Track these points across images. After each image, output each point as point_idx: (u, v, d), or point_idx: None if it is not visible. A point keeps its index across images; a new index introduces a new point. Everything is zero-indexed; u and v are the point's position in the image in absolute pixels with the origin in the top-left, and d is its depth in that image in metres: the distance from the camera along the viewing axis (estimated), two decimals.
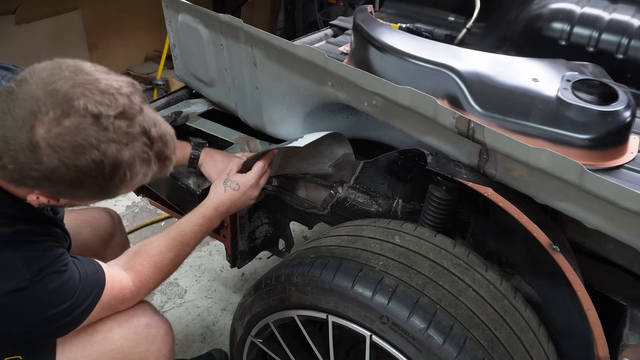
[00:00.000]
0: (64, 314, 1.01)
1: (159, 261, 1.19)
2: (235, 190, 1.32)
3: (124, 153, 0.87)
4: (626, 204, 0.85)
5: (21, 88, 0.84)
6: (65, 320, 1.02)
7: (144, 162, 0.92)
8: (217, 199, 1.31)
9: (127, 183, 0.92)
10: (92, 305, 1.06)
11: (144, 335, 1.18)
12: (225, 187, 1.32)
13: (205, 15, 1.50)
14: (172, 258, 1.21)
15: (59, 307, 1.00)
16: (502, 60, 1.29)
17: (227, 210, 1.33)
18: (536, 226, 0.98)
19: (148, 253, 1.19)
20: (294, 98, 1.38)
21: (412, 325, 1.01)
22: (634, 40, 1.45)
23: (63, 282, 1.01)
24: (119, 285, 1.12)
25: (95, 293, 1.07)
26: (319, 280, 1.13)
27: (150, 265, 1.18)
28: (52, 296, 0.99)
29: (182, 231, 1.25)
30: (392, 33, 1.41)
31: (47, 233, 1.03)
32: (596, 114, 1.07)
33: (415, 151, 1.18)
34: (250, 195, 1.34)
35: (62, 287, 1.01)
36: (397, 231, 1.20)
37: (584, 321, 1.01)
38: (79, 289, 1.03)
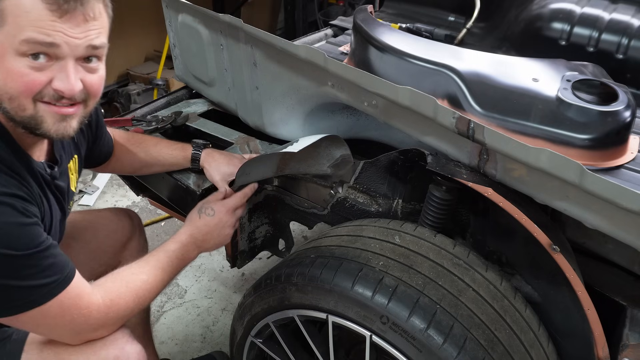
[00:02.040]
0: (6, 265, 0.89)
1: (130, 281, 1.11)
2: (209, 216, 1.28)
3: None
4: (626, 204, 0.85)
5: None
6: (9, 281, 0.90)
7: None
8: (191, 225, 1.27)
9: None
10: (47, 291, 0.94)
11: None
12: (200, 214, 1.29)
13: (205, 15, 1.50)
14: (145, 280, 1.12)
15: (4, 248, 0.88)
16: (502, 60, 1.29)
17: (204, 237, 1.27)
18: (536, 226, 0.98)
19: (120, 274, 1.12)
20: (294, 98, 1.38)
21: (412, 325, 1.01)
22: (634, 40, 1.45)
23: (18, 224, 0.91)
24: (87, 298, 1.02)
25: (57, 280, 0.95)
26: (319, 280, 1.13)
27: (121, 284, 1.09)
28: (0, 228, 0.88)
29: (156, 256, 1.19)
30: (392, 33, 1.41)
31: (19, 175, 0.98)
32: (596, 114, 1.07)
33: (415, 151, 1.18)
34: (226, 222, 1.30)
35: (14, 229, 0.90)
36: (397, 231, 1.20)
37: (584, 321, 1.01)
38: (36, 252, 0.92)
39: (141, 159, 1.50)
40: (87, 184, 2.93)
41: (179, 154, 1.50)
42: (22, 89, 0.93)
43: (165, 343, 2.03)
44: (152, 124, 1.72)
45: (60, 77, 0.94)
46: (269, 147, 1.61)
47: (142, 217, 2.73)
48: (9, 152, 0.98)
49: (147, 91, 3.51)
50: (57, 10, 0.90)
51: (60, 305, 0.97)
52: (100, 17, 0.97)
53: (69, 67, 0.95)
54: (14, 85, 0.93)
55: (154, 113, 1.82)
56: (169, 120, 1.73)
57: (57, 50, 0.92)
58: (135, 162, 1.51)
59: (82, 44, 0.94)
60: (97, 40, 0.97)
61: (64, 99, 0.97)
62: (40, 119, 0.97)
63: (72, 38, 0.93)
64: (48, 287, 0.95)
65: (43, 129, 0.98)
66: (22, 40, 0.90)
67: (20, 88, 0.93)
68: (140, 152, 1.50)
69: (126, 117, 1.76)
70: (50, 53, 0.92)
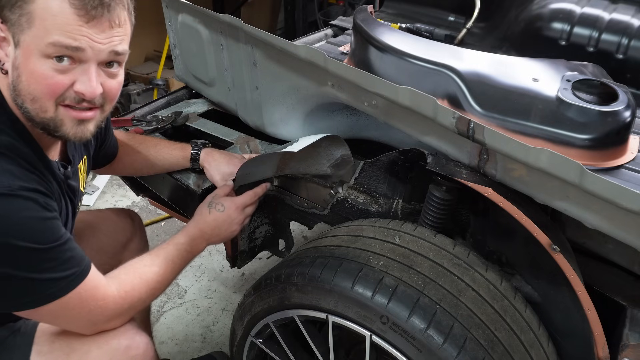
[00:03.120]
0: (31, 259, 0.92)
1: (143, 273, 1.14)
2: (219, 212, 1.30)
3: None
4: (626, 204, 0.85)
5: None
6: (31, 274, 0.92)
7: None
8: (201, 219, 1.30)
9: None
10: (68, 282, 0.97)
11: (122, 359, 1.11)
12: (210, 209, 1.31)
13: (205, 15, 1.50)
14: (157, 272, 1.16)
15: (27, 242, 0.90)
16: (502, 60, 1.28)
17: (212, 232, 1.30)
18: (536, 226, 0.98)
19: (132, 266, 1.15)
20: (294, 98, 1.38)
21: (412, 325, 1.01)
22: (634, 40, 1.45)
23: (41, 218, 0.94)
24: (103, 290, 1.05)
25: (75, 272, 0.98)
26: (319, 280, 1.13)
27: (134, 276, 1.12)
28: (23, 223, 0.91)
29: (166, 248, 1.21)
30: (392, 33, 1.41)
31: (39, 171, 1.01)
32: (596, 114, 1.07)
33: (415, 151, 1.18)
34: (235, 218, 1.32)
35: (38, 224, 0.93)
36: (397, 231, 1.20)
37: (584, 321, 1.01)
38: (57, 246, 0.95)
39: (141, 160, 1.50)
40: (87, 184, 2.93)
41: (178, 153, 1.50)
42: (46, 91, 0.96)
43: (165, 343, 2.03)
44: (152, 124, 1.72)
45: (82, 80, 0.97)
46: (269, 147, 1.61)
47: (142, 217, 2.72)
48: (30, 150, 1.01)
49: (147, 91, 3.52)
50: (84, 15, 0.92)
51: (79, 297, 1.00)
52: (125, 25, 1.00)
53: (92, 70, 0.97)
54: (37, 87, 0.95)
55: (154, 113, 1.83)
56: (169, 120, 1.73)
57: (81, 54, 0.95)
58: (136, 163, 1.51)
59: (105, 49, 0.97)
60: (120, 47, 1.00)
61: (84, 102, 0.99)
62: (60, 122, 0.99)
63: (97, 43, 0.95)
64: (68, 279, 0.97)
65: (62, 131, 1.00)
66: (48, 43, 0.92)
67: (44, 90, 0.95)
68: (141, 153, 1.50)
69: (126, 117, 1.76)
70: (74, 56, 0.95)
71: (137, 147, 1.50)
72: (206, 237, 1.29)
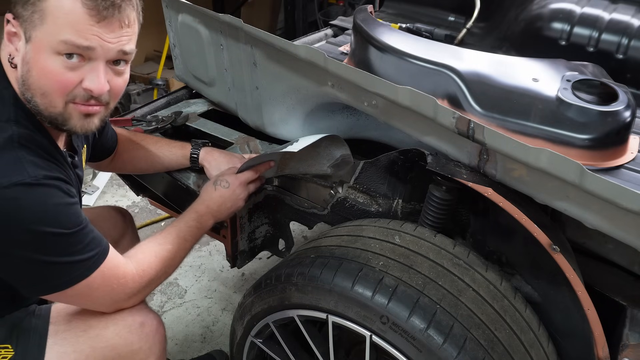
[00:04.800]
0: (60, 243, 0.97)
1: (158, 251, 1.18)
2: (224, 188, 1.34)
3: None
4: (626, 204, 0.85)
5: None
6: (61, 258, 0.97)
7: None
8: (207, 196, 1.34)
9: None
10: (92, 263, 1.02)
11: (137, 334, 1.17)
12: (215, 186, 1.35)
13: (205, 15, 1.50)
14: (170, 250, 1.20)
15: (55, 228, 0.95)
16: (502, 60, 1.28)
17: (218, 208, 1.33)
18: (536, 226, 0.98)
19: (147, 245, 1.20)
20: (294, 98, 1.38)
21: (412, 325, 1.01)
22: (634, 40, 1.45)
23: (66, 204, 0.98)
24: (123, 268, 1.10)
25: (98, 252, 1.03)
26: (319, 280, 1.13)
27: (150, 255, 1.17)
28: (50, 210, 0.95)
29: (177, 226, 1.26)
30: (392, 33, 1.41)
31: (57, 160, 1.04)
32: (596, 114, 1.07)
33: (415, 151, 1.18)
34: (239, 195, 1.35)
35: (64, 209, 0.97)
36: (397, 231, 1.20)
37: (584, 321, 1.01)
38: (81, 229, 1.00)
39: (141, 157, 1.51)
40: (87, 184, 2.93)
41: (178, 152, 1.50)
42: (56, 87, 0.98)
43: None
44: (152, 124, 1.72)
45: (90, 77, 1.00)
46: (269, 147, 1.61)
47: (142, 217, 2.73)
48: (46, 141, 1.04)
49: (147, 91, 3.52)
50: (96, 15, 0.95)
51: (103, 275, 1.04)
52: (133, 25, 1.04)
53: (100, 68, 1.00)
54: (47, 82, 0.98)
55: (154, 113, 1.82)
56: (169, 120, 1.73)
57: (91, 53, 0.98)
58: (135, 160, 1.51)
59: (114, 48, 1.00)
60: (128, 47, 1.03)
61: (92, 99, 1.02)
62: (68, 116, 1.03)
63: (107, 42, 0.98)
64: (92, 259, 1.02)
65: (69, 125, 1.04)
66: (60, 40, 0.95)
67: (54, 86, 0.98)
68: (141, 150, 1.50)
69: (126, 117, 1.76)
70: (84, 54, 0.98)
71: (137, 144, 1.50)
72: (213, 213, 1.32)
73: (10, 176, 0.92)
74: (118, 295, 1.10)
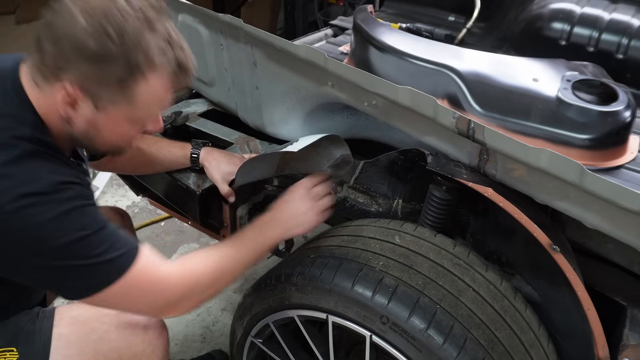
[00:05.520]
0: (88, 245, 0.94)
1: (208, 255, 1.11)
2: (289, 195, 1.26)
3: (147, 34, 0.93)
4: (626, 204, 0.85)
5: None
6: (91, 260, 0.94)
7: (164, 57, 0.96)
8: (274, 205, 1.24)
9: (146, 71, 0.95)
10: (124, 261, 0.98)
11: (140, 337, 1.16)
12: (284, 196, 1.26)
13: (205, 15, 1.50)
14: (222, 256, 1.13)
15: (80, 231, 0.93)
16: (502, 60, 1.28)
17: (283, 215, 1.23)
18: (536, 226, 0.98)
19: (197, 252, 1.13)
20: (294, 98, 1.38)
21: (412, 326, 1.01)
22: (634, 40, 1.45)
23: (86, 206, 0.96)
24: (162, 268, 1.04)
25: (127, 251, 0.99)
26: (319, 280, 1.13)
27: (197, 260, 1.10)
28: (74, 214, 0.94)
29: (236, 235, 1.19)
30: (392, 33, 1.41)
31: (71, 166, 1.05)
32: (596, 114, 1.07)
33: (415, 151, 1.18)
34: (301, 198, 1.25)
35: (85, 211, 0.96)
36: (397, 231, 1.20)
37: (584, 321, 1.01)
38: (104, 226, 0.97)
39: (141, 156, 1.50)
40: None
41: (178, 152, 1.50)
42: (123, 142, 1.08)
43: None
44: None
45: (153, 124, 1.08)
46: (269, 147, 1.61)
47: (142, 217, 2.73)
48: (58, 152, 1.03)
49: None
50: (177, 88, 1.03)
51: (136, 275, 0.99)
52: None
53: (160, 115, 1.09)
54: (118, 140, 1.07)
55: None
56: (169, 120, 1.72)
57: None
58: (135, 160, 1.51)
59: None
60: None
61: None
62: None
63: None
64: (122, 257, 0.98)
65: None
66: (147, 117, 1.03)
67: (121, 141, 1.08)
68: (141, 150, 1.50)
69: None
70: None
71: (138, 144, 1.50)
72: (279, 221, 1.22)
73: (27, 185, 0.91)
74: (157, 295, 1.04)
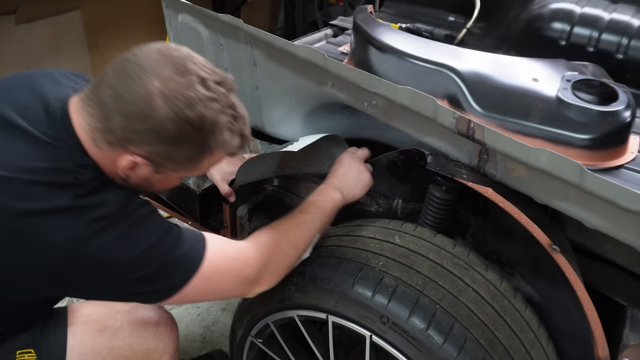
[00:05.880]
0: (165, 245, 0.96)
1: (276, 225, 1.14)
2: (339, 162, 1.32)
3: (221, 116, 0.95)
4: (626, 204, 0.85)
5: (135, 55, 0.94)
6: (160, 264, 0.96)
7: (231, 134, 0.98)
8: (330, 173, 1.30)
9: (215, 149, 0.98)
10: (197, 251, 1.00)
11: (153, 334, 1.19)
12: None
13: (205, 16, 1.50)
14: (290, 222, 1.15)
15: (154, 235, 0.95)
16: (502, 60, 1.28)
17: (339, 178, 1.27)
18: (536, 226, 0.98)
19: (264, 228, 1.16)
20: (294, 98, 1.38)
21: (412, 326, 1.01)
22: (634, 40, 1.45)
23: (148, 212, 0.98)
24: (233, 246, 1.07)
25: (196, 241, 1.01)
26: (319, 280, 1.13)
27: (267, 230, 1.12)
28: (143, 222, 0.96)
29: (298, 205, 1.21)
30: (392, 33, 1.41)
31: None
32: (596, 114, 1.07)
33: (415, 151, 1.18)
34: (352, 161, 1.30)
35: (152, 216, 0.98)
36: (397, 231, 1.20)
37: (584, 321, 1.01)
38: (170, 224, 0.99)
39: None
40: None
41: None
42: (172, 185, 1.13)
43: None
44: None
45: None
46: (269, 147, 1.61)
47: None
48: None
49: None
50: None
51: (212, 261, 1.01)
52: None
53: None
54: (163, 187, 1.11)
55: None
56: None
57: None
58: None
59: None
60: None
61: None
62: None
63: None
64: (195, 248, 1.00)
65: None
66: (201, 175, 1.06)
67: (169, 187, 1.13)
68: None
69: None
70: None
71: None
72: (335, 185, 1.25)
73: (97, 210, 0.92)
74: (238, 277, 1.05)
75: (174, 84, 0.91)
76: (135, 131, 0.92)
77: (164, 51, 0.95)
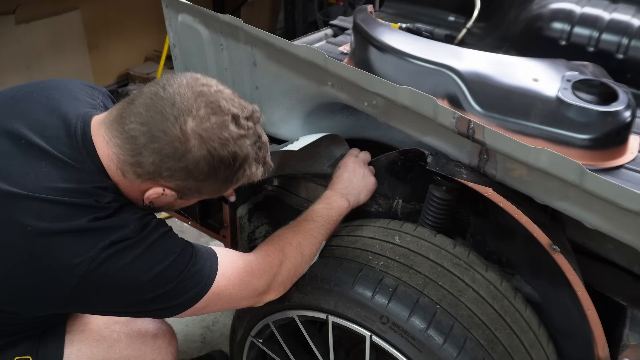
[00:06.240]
0: (180, 264, 0.98)
1: (280, 234, 1.16)
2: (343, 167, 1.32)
3: (249, 150, 0.98)
4: (626, 204, 0.85)
5: (165, 91, 0.94)
6: (176, 282, 0.97)
7: (257, 164, 1.01)
8: (334, 179, 1.31)
9: (241, 179, 1.01)
10: (210, 267, 1.02)
11: (150, 347, 1.18)
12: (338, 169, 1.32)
13: (205, 15, 1.50)
14: (290, 232, 1.17)
15: (166, 260, 0.96)
16: (502, 60, 1.28)
17: (344, 184, 1.28)
18: (536, 226, 0.98)
19: (269, 237, 1.18)
20: (294, 98, 1.38)
21: (412, 326, 1.01)
22: (634, 40, 1.45)
23: (165, 232, 0.99)
24: (241, 259, 1.08)
25: (208, 257, 1.03)
26: (319, 280, 1.13)
27: (271, 240, 1.15)
28: (156, 247, 0.96)
29: (302, 214, 1.22)
30: (392, 33, 1.41)
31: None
32: (596, 114, 1.07)
33: (415, 151, 1.18)
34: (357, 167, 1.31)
35: (166, 238, 0.99)
36: (397, 231, 1.20)
37: (584, 321, 1.01)
38: (185, 243, 1.02)
39: None
40: None
41: None
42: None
43: None
44: None
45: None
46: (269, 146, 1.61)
47: None
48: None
49: None
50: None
51: (223, 274, 1.03)
52: None
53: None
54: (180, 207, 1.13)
55: None
56: None
57: None
58: None
59: None
60: None
61: None
62: None
63: None
64: (210, 263, 1.02)
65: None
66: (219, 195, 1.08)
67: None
68: None
69: None
70: None
71: None
72: (340, 192, 1.27)
73: (114, 233, 0.93)
74: (249, 289, 1.07)
75: (208, 124, 0.92)
76: (168, 168, 0.93)
77: (195, 88, 0.95)
